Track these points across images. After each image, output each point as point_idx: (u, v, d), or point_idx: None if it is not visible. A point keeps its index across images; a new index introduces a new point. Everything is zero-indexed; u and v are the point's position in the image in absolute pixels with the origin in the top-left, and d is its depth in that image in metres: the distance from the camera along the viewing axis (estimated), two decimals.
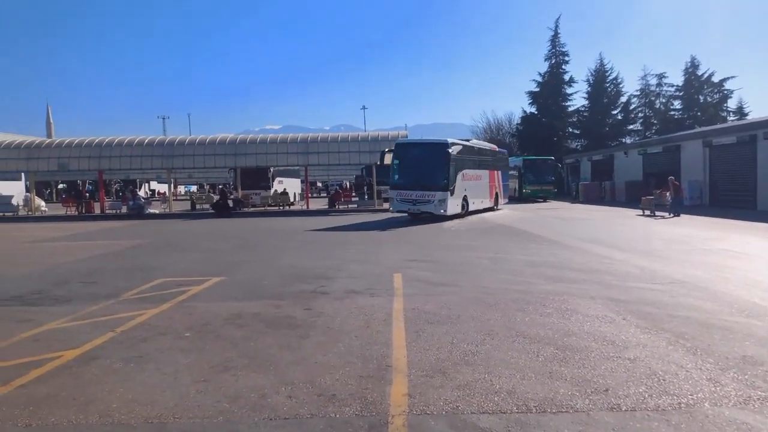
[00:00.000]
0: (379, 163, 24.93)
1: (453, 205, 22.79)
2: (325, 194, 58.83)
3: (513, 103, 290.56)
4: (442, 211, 22.10)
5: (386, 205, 28.70)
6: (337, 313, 7.04)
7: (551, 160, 41.60)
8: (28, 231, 22.61)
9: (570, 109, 60.55)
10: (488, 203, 28.28)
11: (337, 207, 34.16)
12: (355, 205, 33.71)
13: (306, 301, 7.79)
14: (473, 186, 25.28)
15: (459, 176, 23.27)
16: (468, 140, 27.04)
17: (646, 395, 4.27)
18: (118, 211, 34.77)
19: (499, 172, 30.00)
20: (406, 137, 29.89)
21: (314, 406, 4.18)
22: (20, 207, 36.04)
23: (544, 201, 39.23)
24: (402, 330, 6.19)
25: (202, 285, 9.25)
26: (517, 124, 66.11)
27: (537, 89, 60.24)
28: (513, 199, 38.89)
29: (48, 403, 4.33)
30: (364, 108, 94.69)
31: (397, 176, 23.01)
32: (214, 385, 4.64)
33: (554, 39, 59.10)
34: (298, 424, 3.87)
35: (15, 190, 40.85)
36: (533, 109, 61.17)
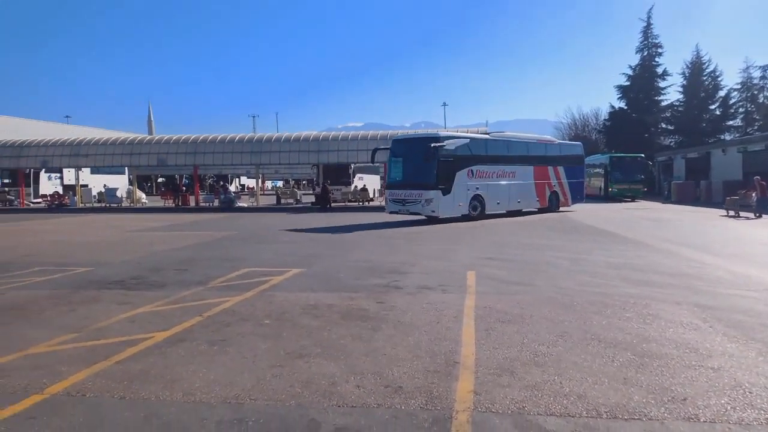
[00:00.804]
0: (370, 162, 23.57)
1: (449, 206, 20.45)
2: None
3: (600, 99, 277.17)
4: (431, 211, 20.07)
5: None
6: (408, 308, 7.14)
7: (641, 158, 39.47)
8: (130, 221, 24.51)
9: (663, 103, 57.06)
10: (534, 204, 24.99)
11: None
12: None
13: (379, 295, 7.95)
14: (496, 185, 22.61)
15: (462, 173, 20.99)
16: (487, 133, 25.00)
17: (729, 407, 4.03)
18: (211, 204, 36.96)
19: (561, 167, 26.42)
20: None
21: (381, 396, 4.29)
22: (123, 199, 39.20)
23: (632, 200, 37.31)
24: (472, 327, 6.18)
25: (283, 275, 9.66)
26: (605, 119, 63.29)
27: (627, 83, 57.26)
28: (598, 198, 37.31)
29: (140, 378, 4.74)
30: (444, 105, 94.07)
31: (390, 175, 22.01)
32: (288, 371, 4.87)
33: (647, 30, 55.96)
34: (364, 413, 4.00)
35: (119, 183, 44.53)
36: (622, 104, 58.22)
